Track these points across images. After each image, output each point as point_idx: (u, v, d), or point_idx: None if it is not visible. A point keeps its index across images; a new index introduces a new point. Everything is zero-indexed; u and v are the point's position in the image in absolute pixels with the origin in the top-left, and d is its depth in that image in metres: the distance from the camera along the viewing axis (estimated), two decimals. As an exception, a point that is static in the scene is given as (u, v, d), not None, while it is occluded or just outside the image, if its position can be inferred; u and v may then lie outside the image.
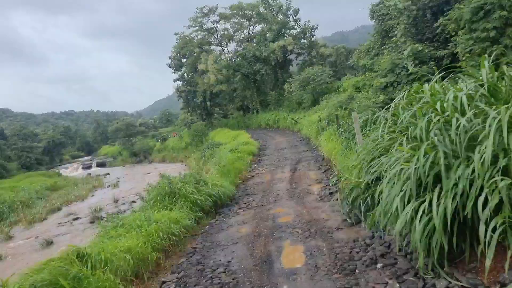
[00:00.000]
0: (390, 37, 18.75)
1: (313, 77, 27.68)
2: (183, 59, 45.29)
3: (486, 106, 3.83)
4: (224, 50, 45.33)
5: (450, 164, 3.72)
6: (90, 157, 73.70)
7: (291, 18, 39.01)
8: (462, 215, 3.49)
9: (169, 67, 45.54)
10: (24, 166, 51.68)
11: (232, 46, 45.76)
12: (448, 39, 13.70)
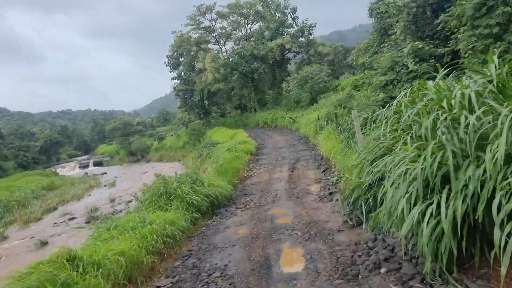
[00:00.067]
0: (389, 35, 18.59)
1: (311, 75, 27.49)
2: (181, 58, 45.10)
3: (495, 103, 3.64)
4: (221, 49, 45.14)
5: (459, 164, 3.53)
6: (87, 156, 73.33)
7: (289, 16, 38.85)
8: (472, 218, 3.30)
9: (166, 66, 45.42)
10: (21, 165, 51.38)
11: (229, 45, 45.58)
12: (448, 37, 13.55)
